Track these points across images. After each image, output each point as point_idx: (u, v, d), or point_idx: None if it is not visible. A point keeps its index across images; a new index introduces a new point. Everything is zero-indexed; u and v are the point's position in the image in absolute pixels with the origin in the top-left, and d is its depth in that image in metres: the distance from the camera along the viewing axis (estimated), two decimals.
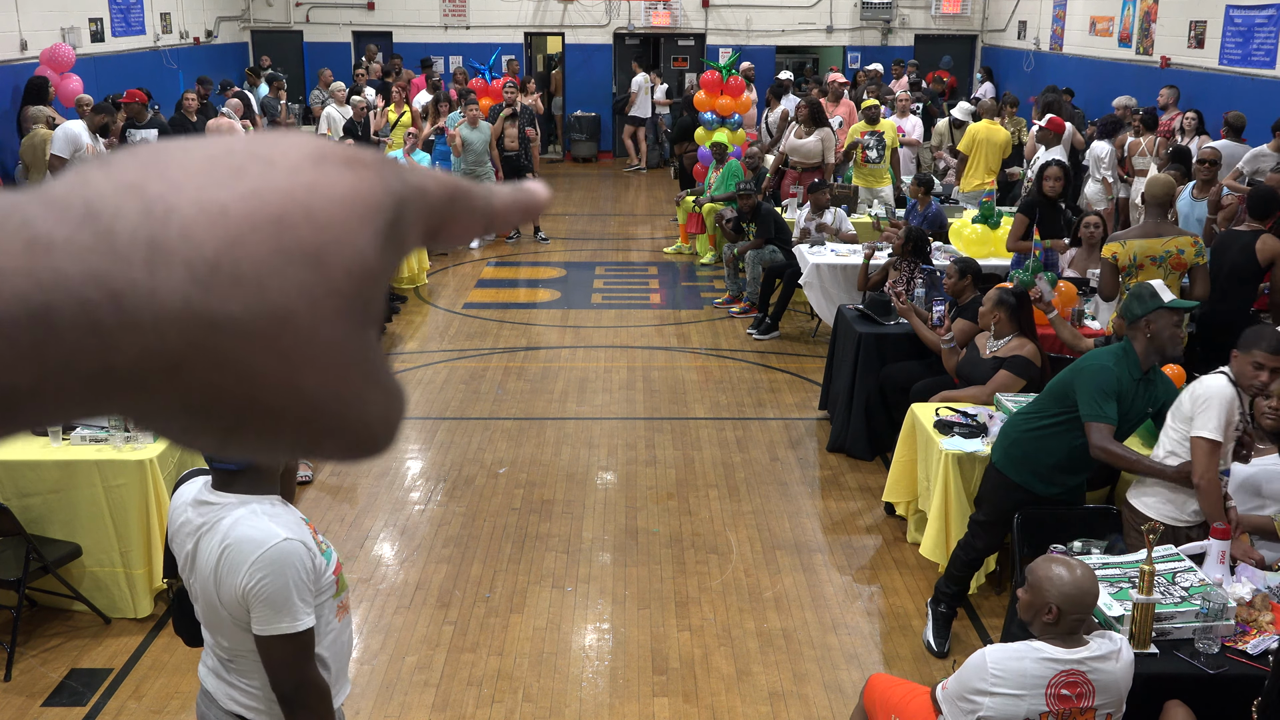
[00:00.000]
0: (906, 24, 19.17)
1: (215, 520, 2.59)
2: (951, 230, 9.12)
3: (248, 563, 2.51)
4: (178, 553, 2.74)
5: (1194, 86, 11.74)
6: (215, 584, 2.56)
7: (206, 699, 2.80)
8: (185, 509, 2.68)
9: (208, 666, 2.80)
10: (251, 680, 2.70)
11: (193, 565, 2.64)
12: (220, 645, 2.70)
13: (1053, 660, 3.16)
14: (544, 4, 18.99)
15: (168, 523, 2.80)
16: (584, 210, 15.32)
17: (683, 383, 8.38)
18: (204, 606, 2.66)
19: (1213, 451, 4.05)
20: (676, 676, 4.68)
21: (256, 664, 2.64)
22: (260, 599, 2.51)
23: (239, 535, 2.54)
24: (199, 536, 2.62)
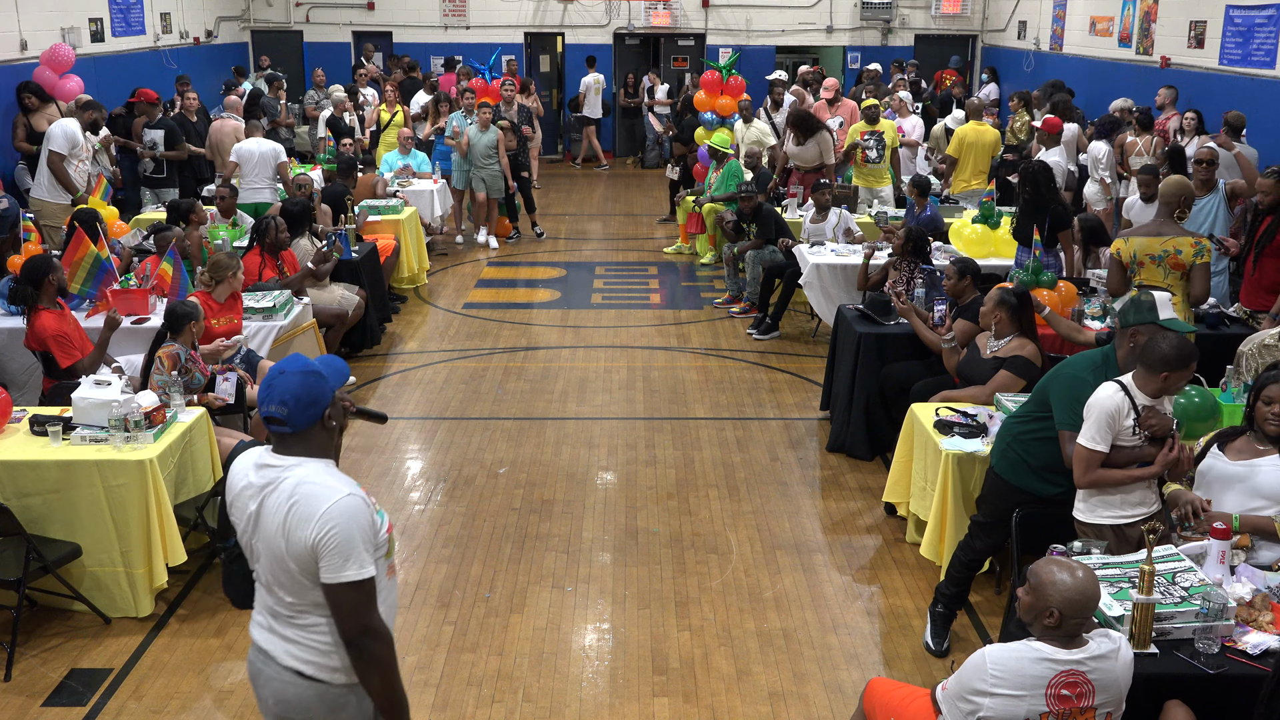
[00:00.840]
0: (906, 24, 19.17)
1: (279, 480, 2.79)
2: (951, 230, 9.12)
3: (317, 515, 2.71)
4: (239, 516, 2.89)
5: (1194, 86, 11.73)
6: (284, 538, 2.74)
7: (263, 657, 2.93)
8: (246, 473, 2.87)
9: (262, 626, 2.94)
10: (313, 633, 2.85)
11: (257, 523, 2.82)
12: (282, 601, 2.86)
13: (1052, 660, 3.16)
14: (544, 4, 18.99)
15: (228, 489, 2.95)
16: (584, 210, 15.32)
17: (683, 383, 8.38)
18: (268, 562, 2.82)
19: (1091, 458, 4.11)
20: (676, 676, 4.68)
21: (320, 616, 2.81)
22: (329, 548, 2.70)
23: (306, 492, 2.75)
24: (263, 496, 2.81)
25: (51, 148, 9.18)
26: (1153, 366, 4.08)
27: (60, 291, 6.29)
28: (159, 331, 5.88)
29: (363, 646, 2.82)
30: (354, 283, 8.68)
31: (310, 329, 7.58)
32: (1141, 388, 4.12)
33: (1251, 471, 4.24)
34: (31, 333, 6.14)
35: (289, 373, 2.84)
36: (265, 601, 2.94)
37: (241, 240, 8.70)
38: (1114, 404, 4.10)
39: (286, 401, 2.80)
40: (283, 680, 2.89)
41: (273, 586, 2.87)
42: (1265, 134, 10.15)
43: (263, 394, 2.85)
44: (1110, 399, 4.11)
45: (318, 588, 2.79)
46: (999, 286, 6.08)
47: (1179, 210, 6.43)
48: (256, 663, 2.96)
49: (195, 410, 5.50)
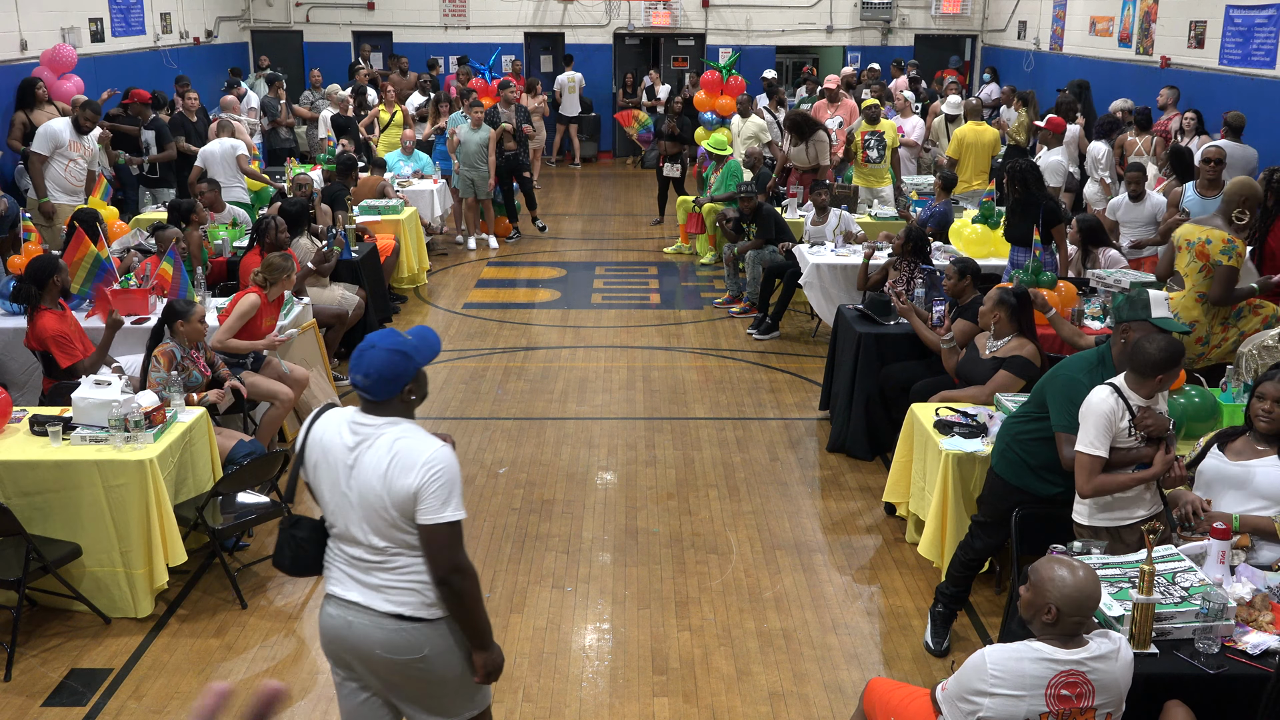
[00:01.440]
0: (906, 24, 19.17)
1: (375, 436, 3.07)
2: (951, 230, 9.13)
3: (419, 463, 2.99)
4: (326, 472, 3.12)
5: (1194, 86, 11.73)
6: (385, 485, 3.01)
7: (355, 610, 3.12)
8: (339, 431, 3.12)
9: (346, 582, 3.15)
10: (406, 574, 3.08)
11: (351, 476, 3.07)
12: (372, 549, 3.09)
13: (1052, 660, 3.16)
14: (544, 4, 19.00)
15: (309, 450, 3.17)
16: (584, 210, 15.33)
17: (683, 383, 8.38)
18: (361, 512, 3.07)
19: (1091, 464, 4.09)
20: (676, 676, 4.68)
21: (412, 556, 3.07)
22: (430, 492, 2.98)
23: (405, 445, 3.03)
24: (359, 452, 3.07)
25: (32, 148, 9.21)
26: (1143, 370, 4.08)
27: (63, 292, 6.30)
28: (154, 329, 5.90)
29: (452, 583, 3.05)
30: (354, 283, 8.68)
31: (310, 329, 7.58)
32: (1134, 389, 4.13)
33: (1251, 472, 4.25)
34: (32, 332, 6.14)
35: (378, 348, 3.09)
36: (346, 556, 3.15)
37: (242, 240, 8.71)
38: (1108, 407, 4.10)
39: (370, 374, 3.07)
40: (386, 627, 3.09)
41: (361, 537, 3.09)
42: (1265, 134, 10.15)
43: (353, 362, 3.12)
44: (1104, 402, 4.11)
45: (412, 531, 3.04)
46: (999, 287, 6.08)
47: (1238, 211, 6.39)
48: (346, 617, 3.14)
49: (195, 410, 5.50)
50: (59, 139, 9.19)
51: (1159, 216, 8.30)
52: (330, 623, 3.19)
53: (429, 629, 3.10)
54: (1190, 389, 5.27)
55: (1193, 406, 5.16)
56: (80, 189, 9.41)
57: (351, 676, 3.27)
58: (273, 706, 1.53)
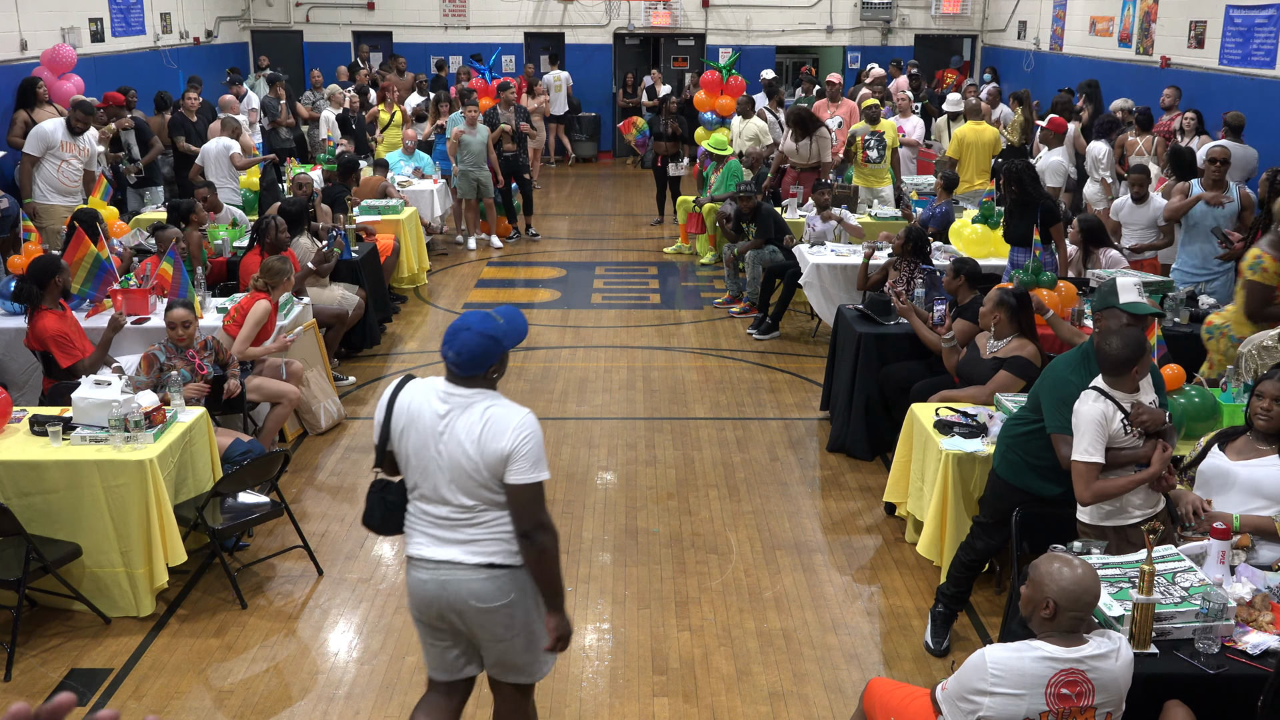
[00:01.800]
0: (906, 24, 19.17)
1: (466, 405, 3.34)
2: (951, 230, 9.13)
3: (510, 428, 3.28)
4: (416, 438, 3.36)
5: (1194, 86, 11.73)
6: (479, 450, 3.29)
7: (447, 567, 3.37)
8: (426, 402, 3.37)
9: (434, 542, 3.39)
10: (495, 526, 3.36)
11: (441, 440, 3.32)
12: (460, 507, 3.35)
13: (1052, 659, 3.17)
14: (544, 4, 18.99)
15: (396, 417, 3.41)
16: (584, 210, 15.33)
17: (683, 383, 8.38)
18: (451, 474, 3.33)
19: (1089, 472, 4.09)
20: (676, 676, 4.68)
21: (499, 510, 3.34)
22: (521, 454, 3.27)
23: (496, 413, 3.32)
24: (450, 419, 3.33)
25: (24, 149, 9.23)
26: (1114, 369, 4.09)
27: (64, 293, 6.30)
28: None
29: (535, 538, 3.32)
30: (354, 283, 8.68)
31: (310, 329, 7.58)
32: (1116, 387, 4.13)
33: (1251, 471, 4.25)
34: (32, 332, 6.14)
35: (472, 331, 3.36)
36: (431, 517, 3.40)
37: (242, 240, 8.71)
38: (1097, 411, 4.10)
39: (461, 354, 3.34)
40: (477, 578, 3.36)
41: (450, 497, 3.35)
42: (1265, 134, 10.14)
43: (447, 339, 3.38)
44: (1092, 408, 4.11)
45: (499, 490, 3.32)
46: (999, 287, 6.08)
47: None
48: (438, 577, 3.38)
49: (195, 410, 5.50)
50: (50, 140, 9.20)
51: (1161, 221, 8.27)
52: (421, 588, 3.43)
53: (515, 575, 3.38)
54: (1190, 389, 5.27)
55: (1193, 406, 5.16)
56: (75, 189, 9.40)
57: (441, 635, 3.53)
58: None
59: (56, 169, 9.25)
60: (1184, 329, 6.75)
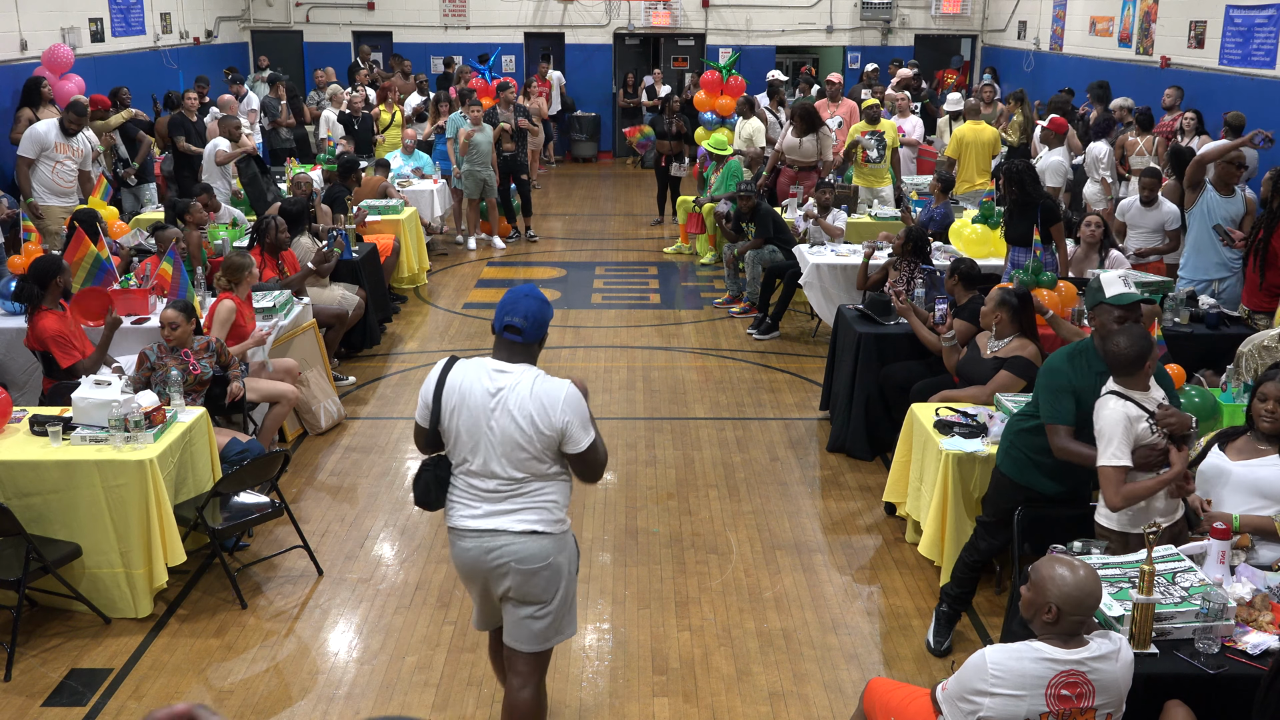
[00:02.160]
0: (906, 24, 19.17)
1: (516, 382, 3.54)
2: (951, 230, 9.13)
3: (560, 401, 3.51)
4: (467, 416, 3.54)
5: (1194, 86, 11.73)
6: (532, 423, 3.50)
7: (492, 535, 3.59)
8: (477, 380, 3.56)
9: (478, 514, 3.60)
10: (540, 497, 3.60)
11: (493, 417, 3.52)
12: (509, 480, 3.57)
13: (1052, 660, 3.16)
14: (544, 4, 18.99)
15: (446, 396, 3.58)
16: (584, 210, 15.32)
17: (683, 383, 8.38)
18: (505, 448, 3.53)
19: (1117, 476, 4.06)
20: (676, 676, 4.68)
21: (543, 482, 3.59)
22: (575, 425, 3.51)
23: (545, 387, 3.53)
24: (502, 396, 3.53)
25: (18, 151, 9.22)
26: (1125, 368, 4.08)
27: (64, 293, 6.30)
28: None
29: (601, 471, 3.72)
30: (354, 283, 8.68)
31: (310, 329, 7.58)
32: (1131, 388, 4.13)
33: (1252, 471, 4.24)
34: (32, 333, 6.15)
35: (531, 297, 3.59)
36: (478, 490, 3.61)
37: (241, 240, 8.71)
38: (1120, 415, 4.08)
39: (527, 318, 3.55)
40: (521, 543, 3.59)
41: (500, 470, 3.56)
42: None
43: (506, 307, 3.59)
44: (1114, 411, 4.09)
45: (547, 461, 3.56)
46: (999, 287, 6.08)
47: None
48: (483, 544, 3.60)
49: (195, 410, 5.50)
50: (44, 141, 9.19)
51: (1168, 226, 8.23)
52: (466, 555, 3.65)
53: (556, 540, 3.64)
54: (1190, 389, 5.27)
55: (1193, 406, 5.16)
56: (70, 190, 9.40)
57: (485, 593, 3.76)
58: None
59: (51, 170, 9.25)
60: (1184, 329, 6.75)
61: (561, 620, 3.78)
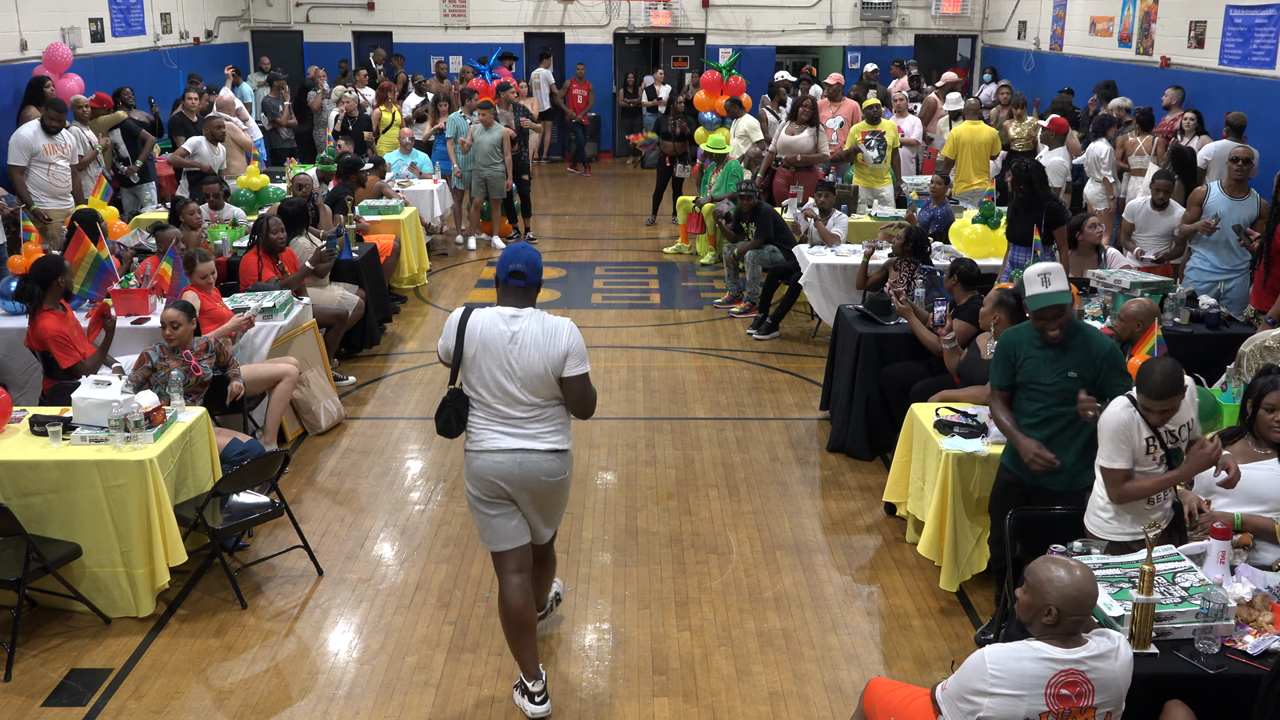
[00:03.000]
0: (906, 24, 19.17)
1: (528, 323, 4.16)
2: (951, 230, 9.13)
3: (565, 333, 4.16)
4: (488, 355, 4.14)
5: (1194, 86, 11.73)
6: (544, 354, 4.12)
7: (523, 454, 4.20)
8: (493, 325, 4.16)
9: (508, 436, 4.20)
10: (553, 420, 4.24)
11: (513, 353, 4.13)
12: (531, 407, 4.19)
13: (1052, 660, 3.16)
14: (544, 4, 18.99)
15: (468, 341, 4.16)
16: (584, 210, 15.33)
17: (683, 383, 8.38)
18: (525, 378, 4.15)
19: (1112, 477, 4.14)
20: (676, 676, 4.68)
21: (556, 409, 4.24)
22: (575, 351, 4.15)
23: (552, 323, 4.19)
24: (519, 336, 4.14)
25: (10, 162, 9.19)
26: (1149, 393, 4.07)
27: (65, 294, 6.31)
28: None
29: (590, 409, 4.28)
30: (354, 283, 8.68)
31: (310, 329, 7.58)
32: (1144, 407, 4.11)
33: (1248, 475, 4.25)
34: (33, 332, 6.15)
35: (526, 248, 4.32)
36: (505, 416, 4.20)
37: (241, 240, 8.71)
38: (1122, 420, 4.11)
39: (529, 263, 4.27)
40: (546, 460, 4.23)
41: (523, 398, 4.17)
42: (1265, 134, 10.14)
43: (508, 258, 4.26)
44: (1118, 414, 4.14)
45: (556, 386, 4.18)
46: (999, 287, 6.08)
47: None
48: (516, 460, 4.20)
49: (195, 410, 5.50)
50: (32, 146, 9.16)
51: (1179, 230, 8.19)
52: (500, 466, 4.20)
53: (568, 457, 4.33)
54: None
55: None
56: (66, 190, 9.40)
57: (504, 506, 4.30)
58: None
59: (46, 173, 9.25)
60: (1184, 329, 6.74)
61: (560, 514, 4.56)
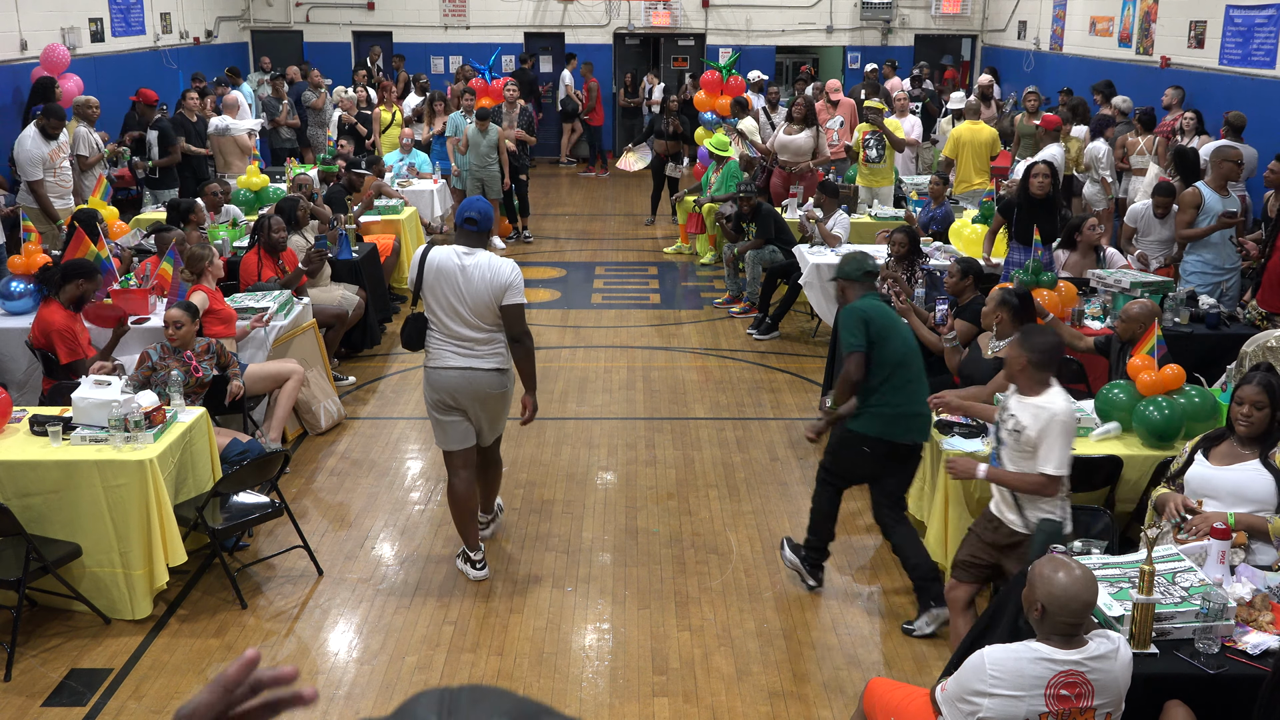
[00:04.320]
0: (906, 24, 19.16)
1: (478, 260, 5.04)
2: (951, 230, 9.14)
3: (507, 268, 5.07)
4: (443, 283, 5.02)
5: (1194, 86, 11.73)
6: (489, 284, 5.01)
7: (470, 371, 5.13)
8: (448, 259, 5.03)
9: (460, 355, 5.12)
10: (496, 346, 5.16)
11: (463, 283, 5.01)
12: (479, 330, 5.10)
13: (1051, 661, 3.16)
14: (544, 4, 18.99)
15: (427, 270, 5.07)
16: (584, 210, 15.32)
17: (683, 383, 8.38)
18: (474, 305, 5.04)
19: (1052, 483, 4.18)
20: (676, 676, 4.68)
21: (497, 335, 5.13)
22: (513, 285, 5.06)
23: (495, 261, 5.08)
24: (469, 269, 5.01)
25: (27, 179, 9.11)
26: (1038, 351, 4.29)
27: (79, 300, 6.31)
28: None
29: (523, 341, 5.18)
30: (354, 283, 8.68)
31: (310, 329, 7.58)
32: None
33: (1235, 476, 4.26)
34: (38, 322, 6.16)
35: (481, 201, 5.22)
36: (455, 341, 5.11)
37: (241, 240, 8.71)
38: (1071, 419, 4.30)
39: (483, 212, 5.15)
40: (489, 376, 5.17)
41: (472, 322, 5.07)
42: (1265, 134, 10.14)
43: (464, 208, 5.15)
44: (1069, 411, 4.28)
45: (498, 317, 5.07)
46: (1000, 287, 6.08)
47: None
48: (465, 375, 5.13)
49: (195, 410, 5.50)
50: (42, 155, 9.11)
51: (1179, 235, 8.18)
52: (452, 379, 5.14)
53: (507, 375, 5.27)
54: (1190, 389, 5.27)
55: (1193, 406, 5.15)
56: (69, 189, 9.39)
57: (455, 414, 5.23)
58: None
59: (52, 175, 9.25)
60: (1184, 329, 6.74)
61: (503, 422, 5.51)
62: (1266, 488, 4.23)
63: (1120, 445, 5.16)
